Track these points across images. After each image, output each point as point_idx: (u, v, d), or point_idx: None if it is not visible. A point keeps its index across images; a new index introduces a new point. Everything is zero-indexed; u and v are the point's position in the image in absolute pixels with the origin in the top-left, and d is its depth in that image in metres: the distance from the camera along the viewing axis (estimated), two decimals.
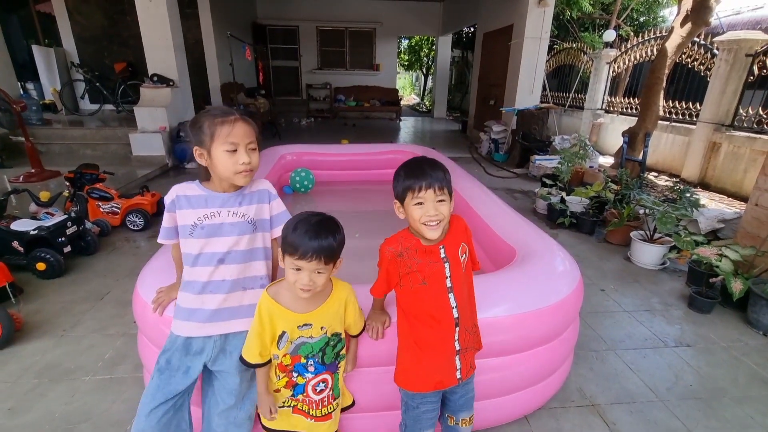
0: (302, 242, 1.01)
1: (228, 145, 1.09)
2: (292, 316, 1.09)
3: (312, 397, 1.17)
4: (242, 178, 1.14)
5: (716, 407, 1.73)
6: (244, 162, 1.11)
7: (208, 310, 1.18)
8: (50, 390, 1.77)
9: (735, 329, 2.30)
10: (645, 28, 9.66)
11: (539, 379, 1.55)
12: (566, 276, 1.62)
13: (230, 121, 1.10)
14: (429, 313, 1.13)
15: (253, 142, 1.15)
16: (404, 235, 1.16)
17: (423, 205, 1.06)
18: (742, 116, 4.90)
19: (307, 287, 1.03)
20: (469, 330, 1.19)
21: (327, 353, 1.15)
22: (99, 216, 3.44)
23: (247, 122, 1.14)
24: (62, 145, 6.25)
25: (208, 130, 1.10)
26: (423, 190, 1.06)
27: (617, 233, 3.36)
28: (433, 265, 1.12)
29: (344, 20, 11.84)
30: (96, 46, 8.40)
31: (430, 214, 1.06)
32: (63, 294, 2.52)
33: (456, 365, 1.16)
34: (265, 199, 1.23)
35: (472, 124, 9.19)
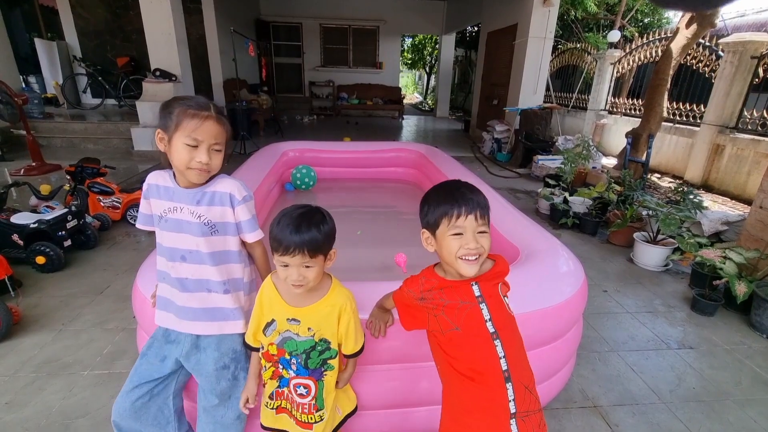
0: (284, 236, 0.97)
1: (190, 140, 1.04)
2: (284, 307, 1.07)
3: (294, 397, 1.11)
4: (194, 175, 1.08)
5: (719, 410, 1.72)
6: (200, 160, 1.05)
7: (174, 303, 1.18)
8: (48, 384, 1.75)
9: (738, 332, 2.28)
10: (649, 29, 9.61)
11: (542, 380, 1.54)
12: (570, 276, 1.61)
13: (202, 116, 1.04)
14: (469, 365, 0.94)
15: (220, 144, 1.09)
16: (426, 275, 1.00)
17: (462, 236, 0.90)
18: (746, 118, 4.86)
19: (298, 282, 0.99)
20: (527, 387, 0.95)
21: (312, 357, 1.07)
22: (99, 210, 3.43)
23: (220, 123, 1.08)
24: (63, 139, 6.25)
25: (176, 117, 1.04)
26: (463, 217, 0.89)
27: (620, 234, 3.34)
28: (465, 306, 0.94)
29: (348, 18, 11.81)
30: (99, 41, 8.38)
31: (469, 247, 0.89)
32: (62, 288, 2.51)
33: (511, 431, 0.91)
34: (227, 203, 1.14)
35: (474, 123, 9.16)
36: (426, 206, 0.96)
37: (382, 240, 2.99)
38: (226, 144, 1.12)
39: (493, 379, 0.91)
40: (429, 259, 1.13)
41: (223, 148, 1.11)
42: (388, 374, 1.39)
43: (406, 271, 2.38)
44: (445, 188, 0.96)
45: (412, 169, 4.18)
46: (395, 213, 3.63)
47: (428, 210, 0.95)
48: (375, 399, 1.38)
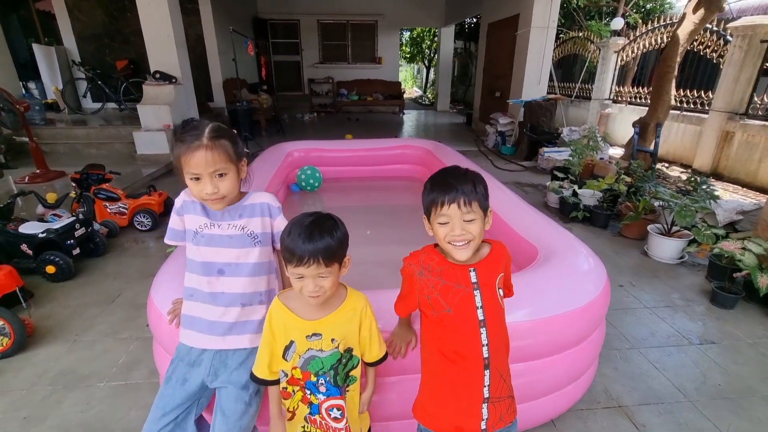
0: (297, 247, 0.93)
1: (191, 174, 1.06)
2: (301, 324, 1.01)
3: (329, 423, 1.04)
4: (213, 204, 1.11)
5: (747, 407, 1.69)
6: (207, 192, 1.06)
7: (205, 320, 1.17)
8: (65, 397, 1.74)
9: (760, 325, 2.24)
10: (652, 15, 9.47)
11: (567, 383, 1.51)
12: (592, 275, 1.57)
13: (192, 148, 1.04)
14: (453, 347, 0.98)
15: (222, 169, 1.06)
16: (427, 251, 1.03)
17: (447, 223, 0.93)
18: (756, 104, 4.79)
19: (315, 294, 0.95)
20: (503, 375, 1.00)
21: (340, 373, 1.03)
22: (106, 217, 3.41)
23: (214, 148, 1.04)
24: (66, 145, 6.23)
25: (176, 154, 1.07)
26: (446, 206, 0.92)
27: (633, 227, 3.30)
28: (460, 290, 0.96)
29: (346, 13, 11.69)
30: (97, 44, 8.33)
31: (454, 234, 0.93)
32: (73, 297, 2.49)
33: (481, 414, 0.97)
34: (266, 213, 1.19)
35: (477, 116, 9.09)
36: (423, 194, 1.01)
37: (393, 239, 2.96)
38: (232, 164, 1.09)
39: (473, 364, 0.96)
40: None
41: (230, 170, 1.09)
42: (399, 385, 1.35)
43: None
44: (436, 176, 0.99)
45: (419, 166, 4.13)
46: (404, 211, 3.59)
47: (423, 198, 1.00)
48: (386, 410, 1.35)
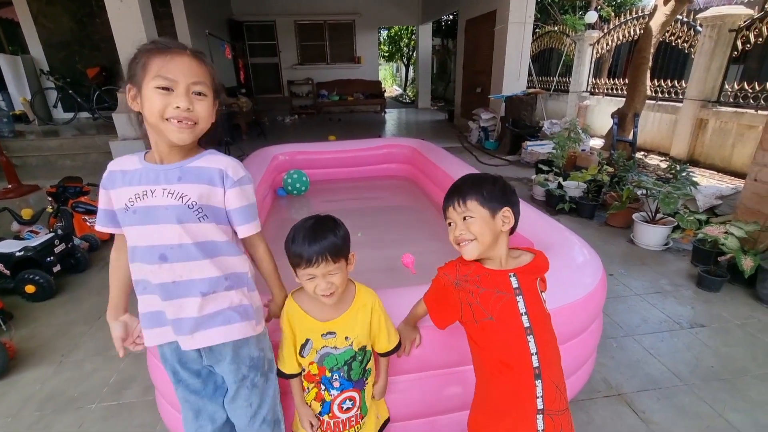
0: (303, 250, 0.95)
1: (160, 80, 0.83)
2: (315, 324, 1.04)
3: (339, 416, 1.10)
4: (174, 130, 0.86)
5: (741, 387, 1.74)
6: (178, 106, 0.84)
7: (165, 316, 0.96)
8: (55, 421, 1.67)
9: (746, 306, 2.32)
10: (623, 8, 9.70)
11: (569, 375, 1.52)
12: (589, 267, 1.59)
13: (173, 51, 0.84)
14: (499, 357, 0.95)
15: (202, 85, 0.88)
16: (463, 260, 1.00)
17: (452, 225, 0.98)
18: (727, 91, 4.96)
19: (328, 292, 0.98)
20: (558, 386, 0.95)
21: (354, 368, 1.07)
22: (86, 230, 3.29)
23: (198, 59, 0.88)
24: (39, 157, 6.00)
25: (141, 60, 0.85)
26: (447, 209, 0.99)
27: (618, 216, 3.37)
28: (501, 296, 0.93)
29: (322, 13, 11.60)
30: (66, 52, 8.03)
31: (455, 234, 0.96)
32: (56, 316, 2.39)
33: (536, 426, 0.91)
34: (218, 181, 0.93)
35: (459, 112, 9.14)
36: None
37: (385, 240, 2.94)
38: (214, 91, 0.91)
39: (522, 374, 0.92)
40: (436, 259, 1.15)
41: (210, 93, 0.90)
42: (414, 383, 1.35)
43: (415, 272, 2.34)
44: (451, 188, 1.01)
45: (406, 165, 4.13)
46: (394, 211, 3.58)
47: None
48: (402, 409, 1.34)
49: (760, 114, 4.42)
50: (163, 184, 0.90)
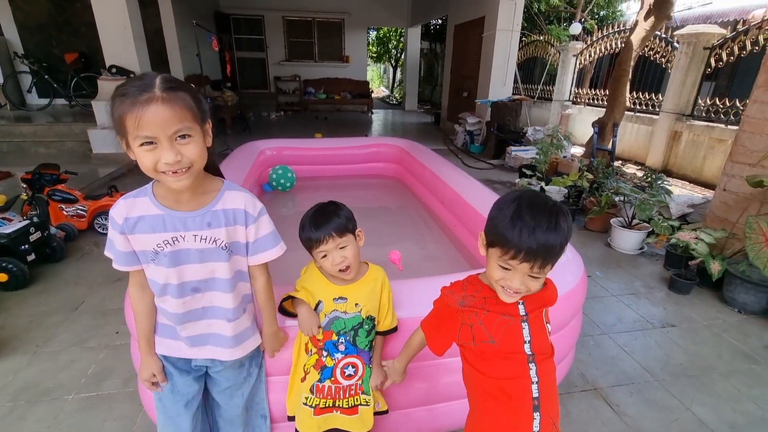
0: (312, 233, 1.08)
1: (141, 138, 0.79)
2: (330, 287, 1.13)
3: (340, 381, 1.14)
4: (172, 181, 0.84)
5: (707, 383, 1.83)
6: (168, 161, 0.80)
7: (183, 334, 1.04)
8: (29, 413, 1.61)
9: (713, 308, 2.44)
10: (606, 21, 10.04)
11: None
12: (570, 266, 1.65)
13: (141, 102, 0.76)
14: (497, 384, 0.87)
15: (185, 129, 0.81)
16: (471, 280, 0.93)
17: (509, 271, 0.80)
18: (701, 106, 5.20)
19: (343, 265, 1.08)
20: (555, 422, 0.89)
21: (360, 335, 1.14)
22: (63, 220, 3.18)
23: (172, 101, 0.79)
24: (10, 144, 5.75)
25: (116, 114, 0.79)
26: (517, 259, 0.76)
27: (597, 220, 3.49)
28: (506, 321, 0.86)
29: (311, 10, 11.54)
30: (43, 35, 7.73)
31: (511, 285, 0.80)
32: (30, 306, 2.31)
33: None
34: (242, 221, 0.98)
35: (445, 116, 9.25)
36: (494, 213, 0.82)
37: (371, 238, 2.94)
38: (196, 123, 0.84)
39: (521, 404, 0.86)
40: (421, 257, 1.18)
41: (194, 131, 0.83)
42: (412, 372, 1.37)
43: (402, 269, 2.37)
44: (520, 209, 0.77)
45: (393, 164, 4.16)
46: (381, 209, 3.60)
47: (492, 221, 0.81)
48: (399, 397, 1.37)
49: (730, 128, 4.65)
50: (193, 231, 0.93)
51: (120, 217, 0.91)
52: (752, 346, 2.10)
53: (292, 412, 1.21)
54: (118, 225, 0.92)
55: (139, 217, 0.91)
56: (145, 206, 0.92)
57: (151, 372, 1.06)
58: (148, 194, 0.93)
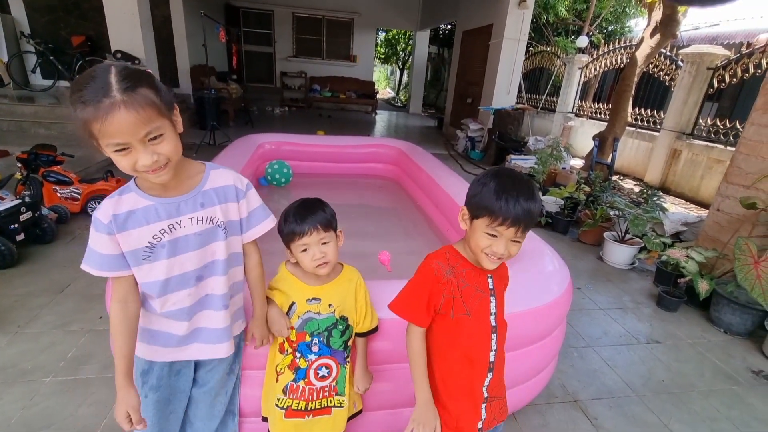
0: (296, 225, 1.06)
1: (113, 146, 0.77)
2: (303, 288, 1.12)
3: (314, 383, 1.12)
4: (152, 177, 0.83)
5: (686, 401, 1.83)
6: (145, 164, 0.79)
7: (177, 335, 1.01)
8: (4, 393, 1.60)
9: (698, 327, 2.44)
10: (613, 36, 10.07)
11: (529, 378, 1.57)
12: (557, 276, 1.65)
13: (104, 110, 0.72)
14: (465, 352, 0.98)
15: (155, 129, 0.79)
16: (450, 250, 0.99)
17: (495, 238, 0.88)
18: (701, 126, 5.21)
19: (322, 260, 1.06)
20: (501, 376, 1.05)
21: (333, 336, 1.12)
22: (56, 201, 3.18)
23: (134, 104, 0.74)
24: (10, 123, 5.74)
25: (80, 118, 0.74)
26: (505, 225, 0.85)
27: (590, 233, 3.49)
28: (479, 295, 0.96)
29: (322, 8, 11.56)
30: (51, 17, 7.73)
31: (495, 251, 0.89)
32: (16, 286, 2.30)
33: (480, 414, 1.00)
34: (232, 197, 0.99)
35: (448, 121, 9.26)
36: (476, 187, 0.91)
37: (363, 238, 2.95)
38: (164, 118, 0.81)
39: (479, 369, 0.98)
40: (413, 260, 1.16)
41: (164, 127, 0.81)
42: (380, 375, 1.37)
43: (391, 270, 2.37)
44: (502, 183, 0.87)
45: (391, 166, 4.16)
46: (375, 209, 3.60)
47: (477, 197, 0.90)
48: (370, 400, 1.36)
49: (729, 150, 4.66)
50: (188, 214, 0.93)
51: (106, 216, 0.87)
52: (735, 367, 2.10)
53: (266, 413, 1.20)
54: (103, 225, 0.87)
55: (128, 212, 0.88)
56: (132, 200, 0.89)
57: (126, 409, 0.92)
58: (133, 189, 0.90)
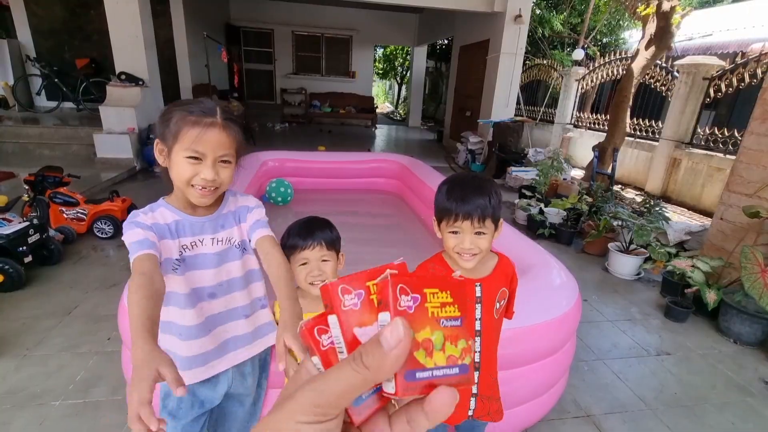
0: (299, 238, 1.08)
1: (191, 152, 0.88)
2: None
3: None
4: (196, 195, 0.92)
5: (700, 414, 1.81)
6: (205, 177, 0.89)
7: (207, 352, 1.03)
8: (14, 418, 1.60)
9: (708, 337, 2.43)
10: (608, 48, 10.23)
11: (541, 393, 1.57)
12: (565, 289, 1.65)
13: (204, 123, 0.88)
14: None
15: (228, 156, 0.93)
16: (436, 261, 1.06)
17: (458, 234, 0.95)
18: (700, 135, 5.26)
19: (318, 279, 1.07)
20: (492, 376, 1.09)
21: None
22: (62, 222, 3.20)
23: (228, 129, 0.92)
24: (16, 144, 5.80)
25: (174, 126, 0.89)
26: (460, 220, 0.94)
27: (595, 244, 3.49)
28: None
29: (320, 26, 11.78)
30: (55, 40, 7.89)
31: (464, 247, 0.95)
32: (24, 309, 2.30)
33: (469, 405, 1.05)
34: (244, 217, 1.06)
35: (448, 134, 9.35)
36: (436, 197, 1.00)
37: (366, 252, 2.96)
38: (237, 154, 0.96)
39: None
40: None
41: (234, 159, 0.95)
42: None
43: None
44: (453, 184, 0.97)
45: (394, 180, 4.19)
46: (378, 224, 3.62)
47: (436, 202, 1.00)
48: None
49: (728, 158, 4.70)
50: (210, 234, 1.00)
51: (147, 220, 0.93)
52: (747, 377, 2.09)
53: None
54: (147, 225, 0.91)
55: (162, 224, 0.95)
56: (164, 214, 0.97)
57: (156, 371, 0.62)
58: (163, 205, 0.98)
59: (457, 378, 0.26)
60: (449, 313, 0.27)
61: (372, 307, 0.27)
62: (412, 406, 0.26)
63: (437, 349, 0.26)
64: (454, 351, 0.26)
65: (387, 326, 0.23)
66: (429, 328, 0.26)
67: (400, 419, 0.26)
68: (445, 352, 0.26)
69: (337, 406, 0.23)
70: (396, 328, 0.23)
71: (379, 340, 0.23)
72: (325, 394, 0.22)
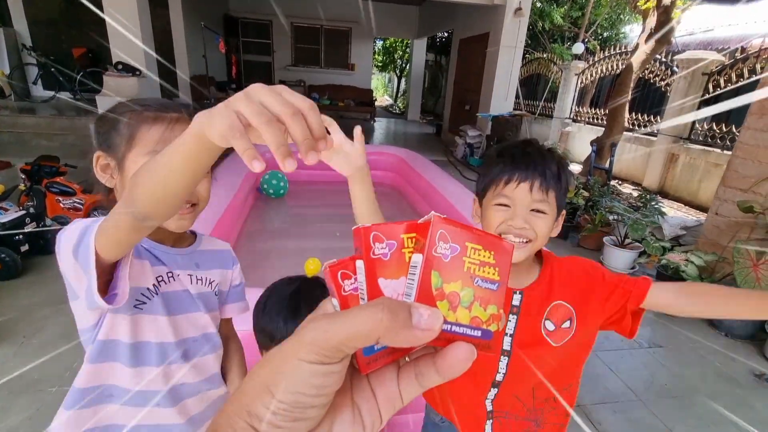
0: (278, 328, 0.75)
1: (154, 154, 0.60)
2: None
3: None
4: (176, 218, 0.69)
5: (690, 405, 1.84)
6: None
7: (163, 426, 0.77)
8: (11, 403, 1.61)
9: (699, 330, 2.46)
10: (608, 42, 10.19)
11: None
12: None
13: (170, 119, 0.66)
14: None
15: None
16: None
17: (508, 208, 0.70)
18: (698, 130, 5.26)
19: None
20: (518, 396, 0.83)
21: None
22: (59, 212, 3.20)
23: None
24: (11, 134, 5.78)
25: (126, 128, 0.66)
26: (514, 183, 0.68)
27: (590, 238, 3.51)
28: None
29: (320, 18, 11.68)
30: (52, 30, 7.82)
31: (514, 224, 0.69)
32: (20, 297, 2.31)
33: (484, 429, 0.85)
34: (230, 264, 0.87)
35: (446, 127, 9.33)
36: (482, 171, 0.77)
37: None
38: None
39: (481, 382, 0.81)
40: None
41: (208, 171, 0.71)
42: None
43: None
44: (508, 146, 0.74)
45: (391, 173, 4.19)
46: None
47: (482, 175, 0.76)
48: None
49: (726, 153, 4.71)
50: (186, 270, 0.77)
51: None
52: (737, 370, 2.12)
53: None
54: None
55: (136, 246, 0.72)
56: None
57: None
58: None
59: (476, 341, 0.24)
60: (486, 274, 0.25)
61: (402, 261, 0.25)
62: (422, 360, 0.25)
63: (463, 305, 0.24)
64: (481, 314, 0.24)
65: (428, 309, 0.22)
66: (460, 282, 0.24)
67: (408, 372, 0.25)
68: (471, 311, 0.24)
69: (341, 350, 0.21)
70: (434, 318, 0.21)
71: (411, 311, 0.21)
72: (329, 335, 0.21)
